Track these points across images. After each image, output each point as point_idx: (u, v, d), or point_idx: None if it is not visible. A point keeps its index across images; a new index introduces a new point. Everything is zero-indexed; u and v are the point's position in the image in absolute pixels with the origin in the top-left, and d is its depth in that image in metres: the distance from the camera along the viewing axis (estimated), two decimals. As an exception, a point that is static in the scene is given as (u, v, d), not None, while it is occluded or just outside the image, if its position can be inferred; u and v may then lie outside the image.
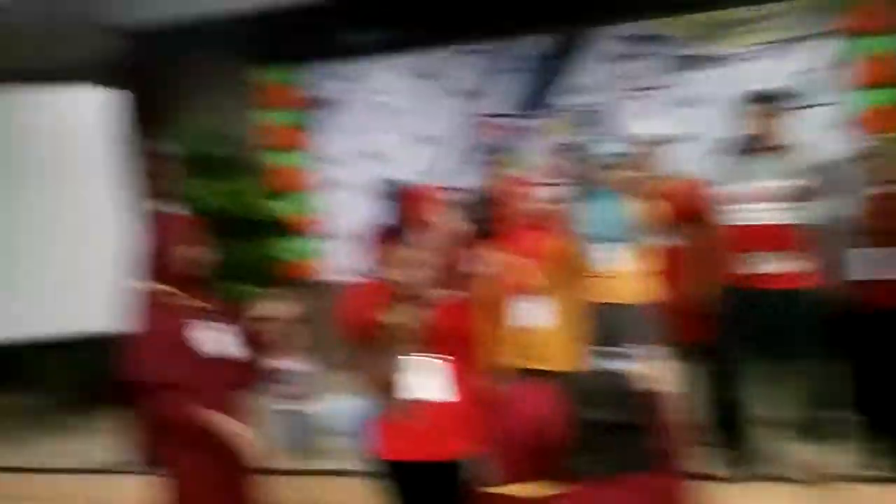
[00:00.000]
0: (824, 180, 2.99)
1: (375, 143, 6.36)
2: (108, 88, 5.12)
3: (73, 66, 6.40)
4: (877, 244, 3.09)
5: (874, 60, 5.20)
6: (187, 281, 2.35)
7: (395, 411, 2.35)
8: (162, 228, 2.36)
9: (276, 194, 6.40)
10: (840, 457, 3.34)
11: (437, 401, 2.37)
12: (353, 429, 3.99)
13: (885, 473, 3.21)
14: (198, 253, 2.37)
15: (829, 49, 5.39)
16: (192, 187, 5.86)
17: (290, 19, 5.81)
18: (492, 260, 3.10)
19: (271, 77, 6.38)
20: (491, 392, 3.00)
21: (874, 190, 3.16)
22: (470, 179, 5.95)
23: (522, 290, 3.00)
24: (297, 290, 5.82)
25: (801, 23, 5.44)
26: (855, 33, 5.27)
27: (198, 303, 2.35)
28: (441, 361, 2.42)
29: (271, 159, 6.39)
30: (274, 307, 2.48)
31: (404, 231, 3.09)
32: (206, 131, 6.09)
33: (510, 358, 3.04)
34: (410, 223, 2.99)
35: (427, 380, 2.39)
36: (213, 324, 2.35)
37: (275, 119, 6.39)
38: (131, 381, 2.17)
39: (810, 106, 5.36)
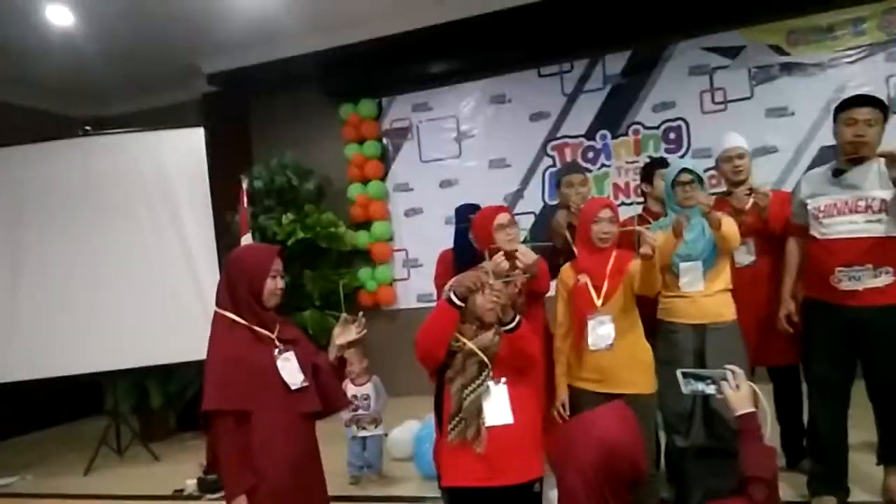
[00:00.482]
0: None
1: (451, 170, 6.41)
2: (196, 129, 5.37)
3: (164, 109, 6.86)
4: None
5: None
6: (267, 311, 2.41)
7: (461, 436, 2.32)
8: (244, 260, 2.43)
9: (358, 224, 6.54)
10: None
11: (505, 425, 2.33)
12: (420, 454, 3.98)
13: None
14: (278, 284, 2.43)
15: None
16: (274, 219, 6.08)
17: (367, 54, 6.00)
18: (570, 281, 3.04)
19: (351, 110, 6.56)
20: (566, 417, 2.94)
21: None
22: (545, 202, 5.97)
23: (595, 311, 2.92)
24: (373, 318, 5.94)
25: (891, 25, 5.15)
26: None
27: (277, 333, 2.39)
28: (510, 386, 2.38)
29: (354, 190, 6.54)
30: (350, 334, 2.50)
31: (478, 256, 3.10)
32: (290, 165, 6.32)
33: (584, 381, 2.96)
34: (484, 248, 2.98)
35: (495, 405, 2.36)
36: (290, 353, 2.38)
37: (356, 151, 6.55)
38: (208, 410, 2.22)
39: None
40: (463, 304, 2.37)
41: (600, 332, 2.93)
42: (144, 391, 5.69)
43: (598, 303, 2.93)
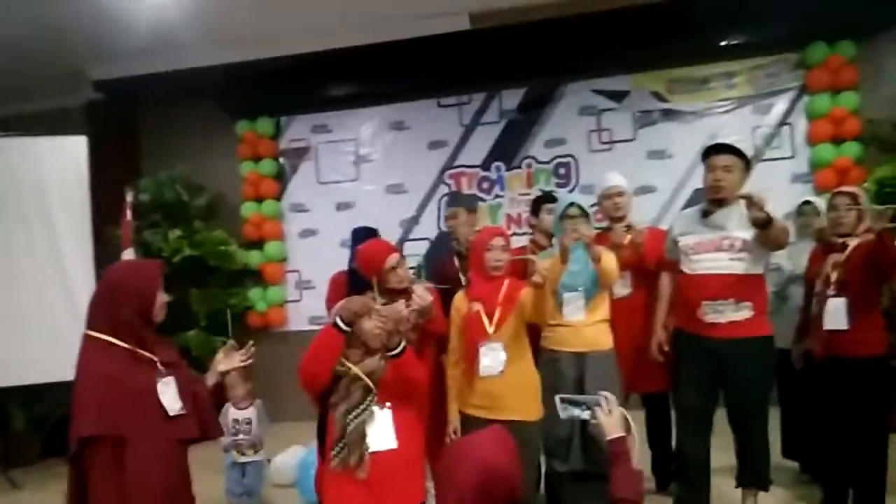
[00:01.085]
0: (784, 232, 3.05)
1: (349, 192, 6.41)
2: (78, 137, 5.11)
3: (49, 115, 6.47)
4: (833, 295, 3.15)
5: (831, 117, 5.40)
6: (151, 329, 2.32)
7: (344, 462, 2.31)
8: (129, 277, 2.33)
9: (250, 243, 6.39)
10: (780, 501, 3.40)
11: (387, 450, 2.35)
12: (304, 482, 3.91)
13: None
14: (159, 301, 2.34)
15: (789, 105, 5.61)
16: (159, 234, 5.85)
17: (268, 73, 5.92)
18: (462, 308, 3.11)
19: (249, 127, 6.45)
20: (447, 441, 2.99)
21: (828, 242, 3.24)
22: (442, 227, 6.06)
23: (486, 338, 3.00)
24: (262, 340, 5.80)
25: (763, 80, 5.66)
26: (813, 91, 5.48)
27: (155, 353, 2.30)
28: (394, 411, 2.40)
29: (248, 208, 6.40)
30: (230, 356, 2.44)
31: (365, 282, 3.10)
32: (181, 179, 6.11)
33: (473, 407, 3.02)
34: (375, 274, 2.99)
35: (379, 430, 2.36)
36: (171, 378, 2.30)
37: (252, 169, 6.43)
38: (83, 437, 2.10)
39: (771, 159, 5.56)
40: (349, 329, 2.38)
41: (491, 359, 3.01)
42: (6, 412, 5.28)
43: (490, 330, 3.01)
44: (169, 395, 2.26)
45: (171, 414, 2.24)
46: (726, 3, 5.23)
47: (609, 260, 3.19)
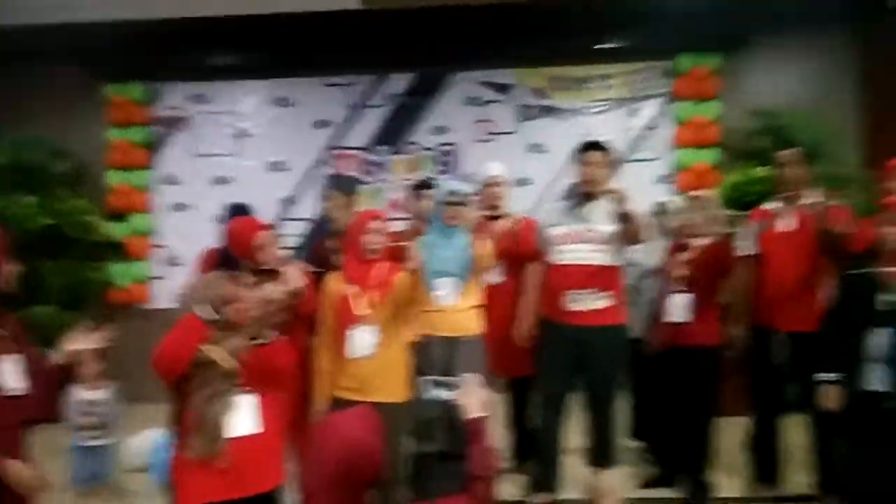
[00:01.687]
0: (643, 229, 3.27)
1: (227, 167, 6.19)
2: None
3: None
4: (679, 290, 3.42)
5: (694, 124, 5.81)
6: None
7: (203, 450, 2.25)
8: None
9: (115, 214, 6.03)
10: (629, 480, 3.68)
11: (245, 435, 2.28)
12: (157, 466, 3.76)
13: (666, 495, 3.55)
14: (4, 270, 2.17)
15: (658, 110, 5.98)
16: (11, 201, 5.41)
17: (142, 35, 5.58)
18: (336, 291, 3.10)
19: (118, 92, 6.07)
20: (313, 423, 2.97)
21: (679, 241, 3.51)
22: (320, 209, 5.97)
23: (359, 320, 3.02)
24: (118, 317, 5.51)
25: (636, 85, 5.99)
26: (680, 98, 5.87)
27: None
28: (252, 396, 2.34)
29: (114, 177, 6.03)
30: (84, 335, 2.29)
31: (235, 261, 3.02)
32: (39, 143, 5.67)
33: (343, 389, 3.03)
34: (243, 252, 2.93)
35: (239, 416, 2.29)
36: (15, 356, 2.15)
37: (120, 136, 6.05)
38: None
39: (638, 160, 5.90)
40: (213, 319, 2.29)
41: (361, 340, 3.02)
42: None
43: (363, 312, 3.03)
44: (10, 372, 2.11)
45: (11, 394, 2.09)
46: (606, 8, 5.48)
47: (485, 248, 3.29)
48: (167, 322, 2.36)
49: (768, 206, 3.56)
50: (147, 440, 4.12)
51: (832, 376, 2.90)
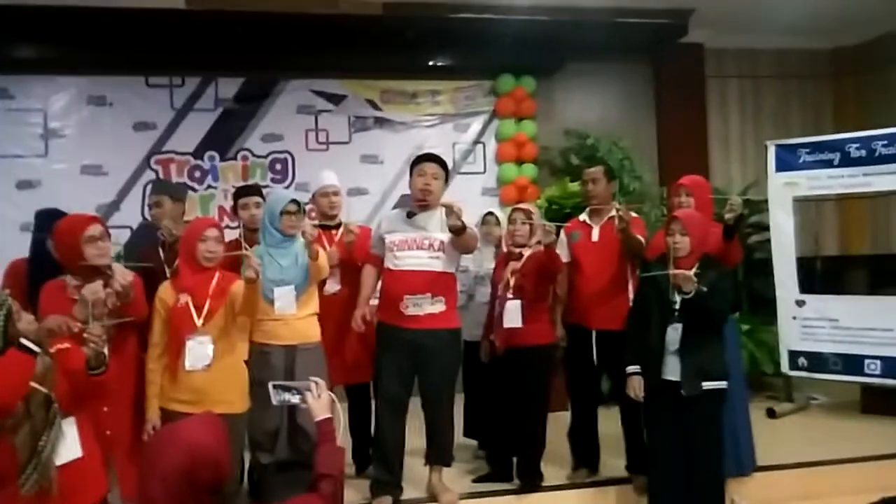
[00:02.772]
0: (474, 239, 3.49)
1: (34, 170, 5.67)
2: None
3: None
4: (506, 298, 3.69)
5: (514, 141, 6.26)
6: None
7: (36, 486, 2.05)
8: None
9: None
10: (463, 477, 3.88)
11: (74, 460, 2.18)
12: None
13: (500, 487, 3.76)
14: None
15: (483, 127, 6.37)
16: None
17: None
18: (169, 300, 3.01)
19: None
20: (149, 435, 2.87)
21: (508, 250, 3.79)
22: (144, 217, 5.65)
23: (196, 331, 2.96)
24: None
25: (463, 102, 6.34)
26: (502, 116, 6.29)
27: None
28: (76, 419, 2.23)
29: None
30: None
31: (58, 268, 2.84)
32: None
33: (178, 402, 2.96)
34: (69, 261, 2.77)
35: (65, 443, 2.15)
36: None
37: None
38: None
39: (465, 173, 6.25)
40: (38, 351, 2.10)
41: (198, 352, 2.97)
42: None
43: (199, 323, 2.98)
44: None
45: None
46: (432, 28, 5.75)
47: (324, 258, 3.35)
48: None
49: (582, 217, 3.95)
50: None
51: (636, 368, 3.31)
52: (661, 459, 3.26)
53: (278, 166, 6.05)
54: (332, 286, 3.71)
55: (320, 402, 2.15)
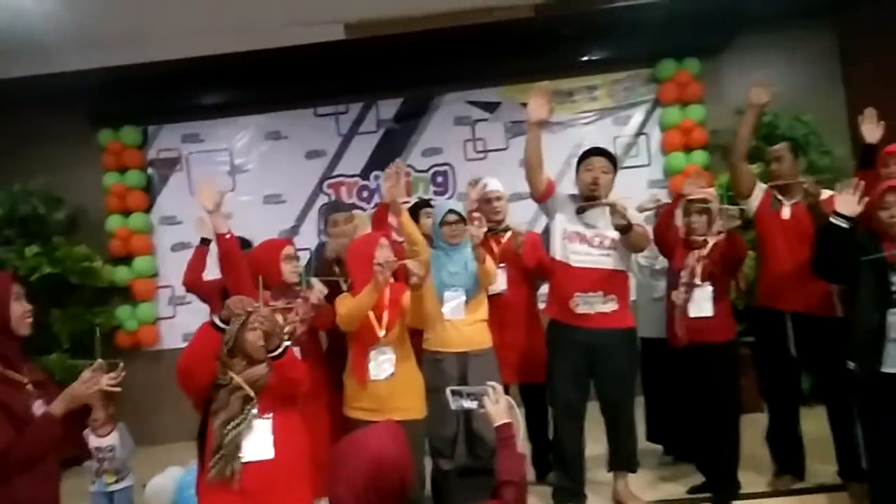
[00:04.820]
0: (643, 237, 3.31)
1: (225, 203, 6.21)
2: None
3: None
4: (693, 285, 3.44)
5: (681, 128, 5.90)
6: (15, 343, 2.18)
7: (220, 473, 2.27)
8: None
9: (118, 258, 6.06)
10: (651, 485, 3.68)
11: (262, 460, 2.33)
12: (181, 501, 3.75)
13: (693, 496, 3.53)
14: (25, 307, 2.21)
15: (645, 117, 6.07)
16: (15, 252, 5.44)
17: (133, 79, 5.66)
18: (346, 312, 3.14)
19: (112, 136, 6.12)
20: (335, 442, 2.99)
21: (690, 239, 3.54)
22: (320, 239, 6.02)
23: (378, 342, 3.06)
24: (133, 360, 5.52)
25: (621, 94, 6.09)
26: (665, 104, 5.96)
27: (23, 374, 2.17)
28: (275, 418, 2.39)
29: (113, 222, 6.06)
30: (98, 379, 2.30)
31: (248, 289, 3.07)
32: (37, 192, 5.71)
33: (361, 410, 3.06)
34: (270, 268, 3.00)
35: (256, 440, 2.33)
36: (40, 398, 2.17)
37: (116, 180, 6.10)
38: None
39: (630, 166, 5.98)
40: (225, 326, 2.35)
41: (382, 362, 3.08)
42: None
43: (381, 333, 3.07)
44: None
45: None
46: (585, 21, 5.59)
47: (490, 262, 3.35)
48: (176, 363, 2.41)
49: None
50: (169, 479, 4.12)
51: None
52: (888, 462, 2.86)
53: (439, 179, 6.17)
54: (498, 285, 3.68)
55: (498, 406, 2.10)
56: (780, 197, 3.51)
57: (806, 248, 3.22)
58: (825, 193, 3.43)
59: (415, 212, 3.99)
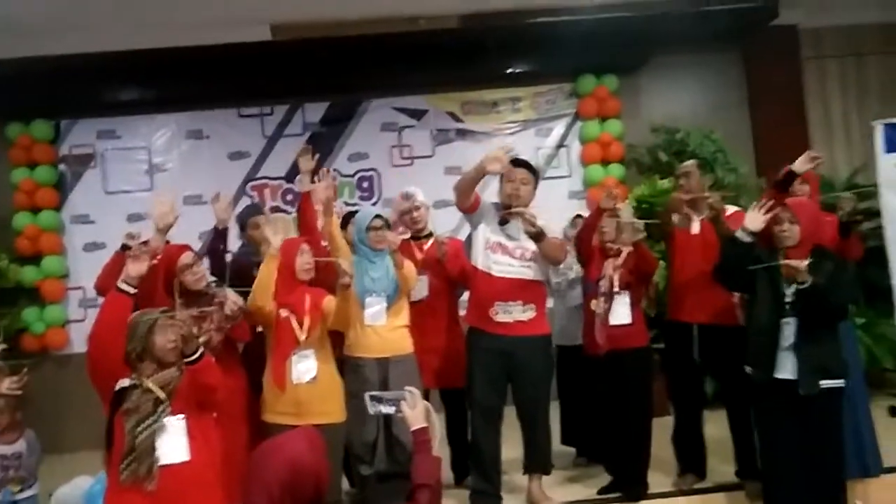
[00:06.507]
0: (558, 249, 3.43)
1: (141, 203, 6.05)
2: None
3: None
4: (613, 294, 3.59)
5: (599, 141, 6.13)
6: None
7: (133, 475, 2.25)
8: None
9: (25, 258, 5.78)
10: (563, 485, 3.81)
11: (176, 463, 2.31)
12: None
13: (603, 496, 3.67)
14: None
15: (566, 130, 6.28)
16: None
17: (46, 72, 5.42)
18: (264, 315, 3.12)
19: (21, 130, 5.85)
20: (253, 447, 2.98)
21: (605, 250, 3.69)
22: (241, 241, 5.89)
23: (299, 345, 3.06)
24: (40, 364, 5.29)
25: (544, 106, 6.28)
26: (585, 117, 6.18)
27: None
28: (189, 421, 2.37)
29: (22, 220, 5.78)
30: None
31: (163, 293, 3.01)
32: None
33: (285, 415, 3.05)
34: (169, 285, 2.93)
35: (170, 442, 2.31)
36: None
37: (25, 176, 5.82)
38: None
39: (551, 178, 6.16)
40: (132, 290, 2.36)
41: (303, 366, 3.08)
42: None
43: (302, 337, 3.07)
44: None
45: None
46: (509, 35, 5.72)
47: (409, 267, 3.40)
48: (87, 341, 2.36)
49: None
50: (77, 489, 3.96)
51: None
52: (778, 463, 3.07)
53: (365, 184, 6.19)
54: (420, 292, 3.73)
55: (416, 411, 2.15)
56: (688, 212, 3.70)
57: (713, 260, 3.42)
58: (730, 209, 3.65)
59: (346, 221, 3.97)
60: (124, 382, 2.35)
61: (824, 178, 4.55)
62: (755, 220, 3.03)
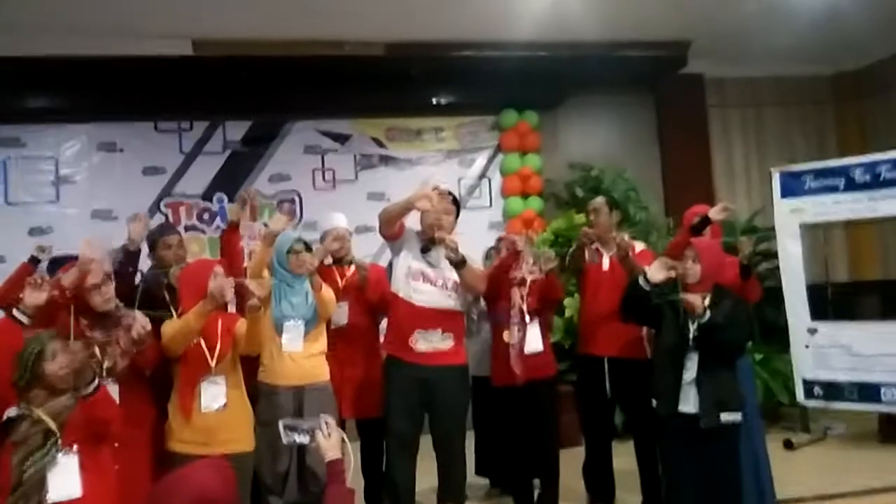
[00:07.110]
0: (474, 277, 3.48)
1: (45, 216, 5.75)
2: None
3: None
4: (524, 323, 3.66)
5: (519, 175, 6.31)
6: None
7: None
8: None
9: None
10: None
11: (71, 500, 2.21)
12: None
13: None
14: None
15: (488, 162, 6.42)
16: None
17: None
18: (172, 334, 3.01)
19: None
20: (156, 479, 2.85)
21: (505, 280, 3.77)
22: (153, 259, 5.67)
23: (210, 372, 2.96)
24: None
25: (467, 137, 6.41)
26: (506, 151, 6.35)
27: None
28: (82, 455, 2.26)
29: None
30: None
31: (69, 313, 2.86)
32: None
33: (192, 444, 2.93)
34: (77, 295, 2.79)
35: (62, 477, 2.20)
36: None
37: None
38: None
39: (472, 208, 6.27)
40: (25, 320, 2.32)
41: (213, 392, 2.97)
42: None
43: (213, 364, 2.97)
44: None
45: None
46: (434, 65, 5.85)
47: (328, 292, 3.37)
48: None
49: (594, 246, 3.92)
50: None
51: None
52: (679, 494, 3.20)
53: (286, 206, 6.10)
54: (340, 318, 3.70)
55: (330, 441, 2.13)
56: (599, 248, 3.84)
57: (618, 294, 3.55)
58: (639, 246, 3.81)
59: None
60: (12, 412, 2.21)
61: (726, 220, 4.81)
62: (658, 273, 3.15)
